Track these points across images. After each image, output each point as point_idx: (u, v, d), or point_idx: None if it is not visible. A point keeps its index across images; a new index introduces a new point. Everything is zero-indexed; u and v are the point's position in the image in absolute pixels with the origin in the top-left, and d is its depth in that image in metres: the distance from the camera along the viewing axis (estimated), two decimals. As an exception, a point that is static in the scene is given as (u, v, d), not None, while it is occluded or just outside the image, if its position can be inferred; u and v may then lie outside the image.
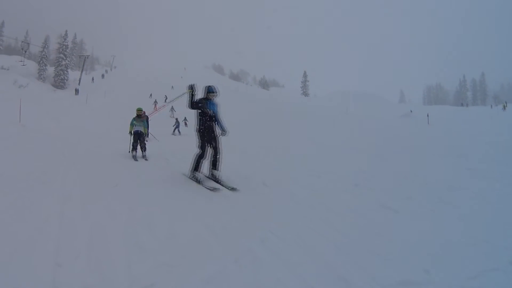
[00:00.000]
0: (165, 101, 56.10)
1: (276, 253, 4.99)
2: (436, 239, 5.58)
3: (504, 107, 70.61)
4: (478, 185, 9.75)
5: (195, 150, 9.67)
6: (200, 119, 9.67)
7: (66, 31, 79.71)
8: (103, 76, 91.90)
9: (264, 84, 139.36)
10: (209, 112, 9.66)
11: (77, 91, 67.93)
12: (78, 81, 74.17)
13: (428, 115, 49.40)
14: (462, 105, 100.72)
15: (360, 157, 15.65)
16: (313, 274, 4.32)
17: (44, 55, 76.17)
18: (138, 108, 15.50)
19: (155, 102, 50.36)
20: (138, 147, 14.78)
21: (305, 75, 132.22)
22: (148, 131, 17.40)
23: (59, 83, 72.51)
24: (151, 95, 59.84)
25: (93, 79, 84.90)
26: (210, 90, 9.82)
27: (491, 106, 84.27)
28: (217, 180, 9.46)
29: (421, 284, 4.09)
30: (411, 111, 68.59)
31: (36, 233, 5.32)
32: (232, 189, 8.84)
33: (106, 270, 4.25)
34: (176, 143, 21.15)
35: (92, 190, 8.25)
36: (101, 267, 4.33)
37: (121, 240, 5.24)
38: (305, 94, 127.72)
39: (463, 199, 8.33)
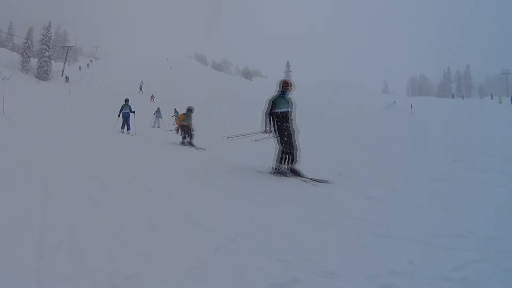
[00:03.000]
0: (140, 88, 56.54)
1: (258, 242, 5.02)
2: (420, 229, 5.62)
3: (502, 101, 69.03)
4: (463, 176, 9.83)
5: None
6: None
7: (50, 22, 79.29)
8: (88, 65, 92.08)
9: (247, 74, 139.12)
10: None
11: (67, 78, 68.49)
12: (62, 72, 73.70)
13: (411, 106, 49.80)
14: (453, 97, 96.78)
15: (342, 147, 15.73)
16: (296, 264, 4.33)
17: (27, 46, 75.58)
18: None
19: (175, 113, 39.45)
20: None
21: (288, 65, 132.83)
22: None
23: (42, 74, 72.10)
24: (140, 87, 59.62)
25: (80, 67, 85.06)
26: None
27: (492, 97, 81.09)
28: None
29: (406, 274, 4.09)
30: (394, 102, 69.03)
31: (19, 225, 5.28)
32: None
33: (88, 261, 4.22)
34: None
35: (74, 181, 8.21)
36: (83, 258, 4.31)
37: (103, 230, 5.22)
38: None
39: (448, 189, 8.39)
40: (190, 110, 19.14)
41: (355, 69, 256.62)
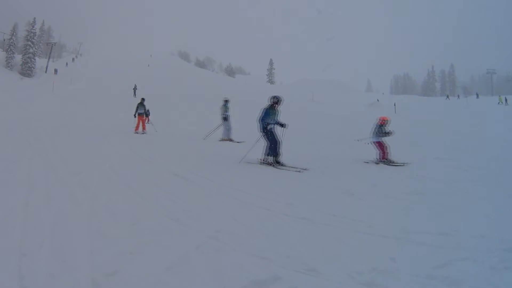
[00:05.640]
0: (134, 92, 55.67)
1: (238, 240, 5.03)
2: (403, 227, 5.64)
3: (502, 101, 63.46)
4: (446, 174, 9.90)
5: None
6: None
7: (35, 18, 78.75)
8: (73, 60, 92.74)
9: (230, 72, 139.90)
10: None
11: (56, 71, 69.68)
12: (45, 69, 73.50)
13: (395, 104, 50.07)
14: (447, 97, 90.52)
15: (325, 144, 15.79)
16: (277, 261, 4.34)
17: (12, 42, 75.11)
18: None
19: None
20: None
21: (271, 63, 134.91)
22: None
23: (26, 71, 71.62)
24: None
25: (67, 64, 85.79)
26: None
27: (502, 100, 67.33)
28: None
29: (388, 272, 4.10)
30: (377, 100, 69.22)
31: (2, 222, 5.26)
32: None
33: (69, 258, 4.21)
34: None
35: (56, 178, 8.20)
36: (64, 255, 4.29)
37: (84, 227, 5.21)
38: (271, 82, 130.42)
39: (431, 187, 8.43)
40: None
41: (338, 67, 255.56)
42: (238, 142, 17.92)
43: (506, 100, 62.09)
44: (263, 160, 11.37)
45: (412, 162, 11.71)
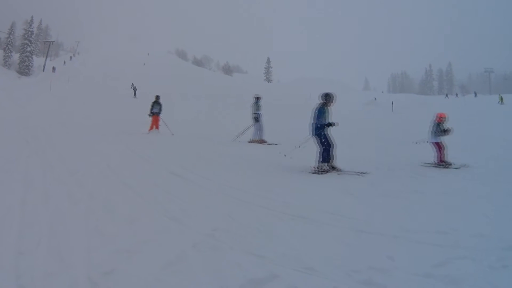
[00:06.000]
0: (135, 93, 55.15)
1: (236, 238, 5.02)
2: (401, 225, 5.62)
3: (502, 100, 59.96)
4: (445, 173, 9.88)
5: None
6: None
7: (32, 17, 78.74)
8: (71, 58, 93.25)
9: (228, 70, 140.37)
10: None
11: (54, 69, 72.76)
12: (43, 68, 73.56)
13: (392, 103, 50.02)
14: (446, 96, 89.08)
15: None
16: (275, 259, 4.32)
17: (9, 41, 75.14)
18: None
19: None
20: None
21: (268, 61, 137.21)
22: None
23: (24, 69, 71.77)
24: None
25: (64, 62, 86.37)
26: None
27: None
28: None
29: (386, 270, 4.08)
30: (375, 98, 69.09)
31: (-1, 222, 5.24)
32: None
33: (67, 257, 4.20)
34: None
35: (54, 176, 8.21)
36: (61, 254, 4.28)
37: (81, 226, 5.21)
38: (268, 80, 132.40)
39: (430, 186, 8.42)
40: None
41: (336, 66, 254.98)
42: (271, 144, 16.79)
43: (502, 99, 60.76)
44: (318, 168, 10.21)
45: (469, 164, 11.52)
